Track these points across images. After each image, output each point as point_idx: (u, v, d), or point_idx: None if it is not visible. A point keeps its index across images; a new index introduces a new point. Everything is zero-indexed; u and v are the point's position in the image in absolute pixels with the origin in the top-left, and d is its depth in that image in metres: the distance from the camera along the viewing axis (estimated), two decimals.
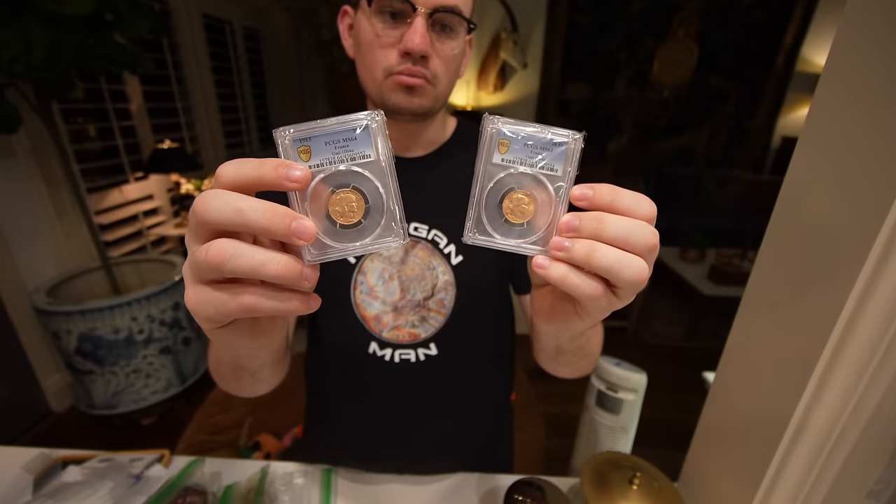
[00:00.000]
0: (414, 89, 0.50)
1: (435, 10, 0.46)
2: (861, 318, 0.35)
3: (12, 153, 1.57)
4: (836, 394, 0.38)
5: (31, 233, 1.67)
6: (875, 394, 0.37)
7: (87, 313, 1.51)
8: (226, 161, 0.24)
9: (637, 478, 0.55)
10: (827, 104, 0.40)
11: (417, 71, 0.49)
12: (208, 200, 0.22)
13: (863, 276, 0.34)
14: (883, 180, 0.33)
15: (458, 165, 0.59)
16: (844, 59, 0.38)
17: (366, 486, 0.65)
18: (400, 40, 0.47)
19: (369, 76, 0.51)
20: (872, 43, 0.35)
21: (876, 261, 0.33)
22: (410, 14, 0.46)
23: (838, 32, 0.38)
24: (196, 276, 0.24)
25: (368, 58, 0.50)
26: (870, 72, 0.35)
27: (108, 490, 0.58)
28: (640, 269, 0.25)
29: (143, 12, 1.39)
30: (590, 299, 0.26)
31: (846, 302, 0.35)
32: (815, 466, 0.41)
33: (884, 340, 0.35)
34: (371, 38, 0.49)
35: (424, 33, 0.46)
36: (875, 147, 0.34)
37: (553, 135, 0.27)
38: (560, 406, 1.98)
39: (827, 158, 0.39)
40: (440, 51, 0.49)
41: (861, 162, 0.36)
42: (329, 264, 0.55)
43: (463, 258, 0.58)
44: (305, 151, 0.25)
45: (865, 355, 0.36)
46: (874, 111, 0.34)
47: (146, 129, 2.23)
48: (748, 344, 0.49)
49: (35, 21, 1.09)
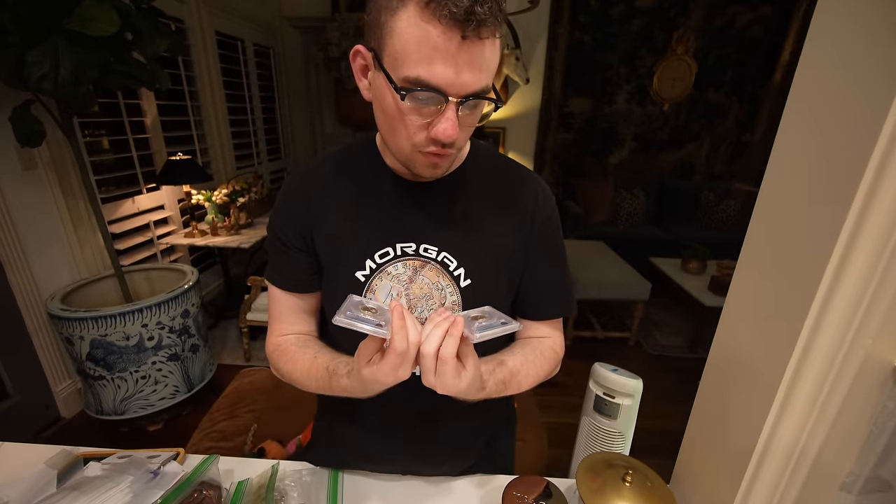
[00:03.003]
0: (437, 165, 0.51)
1: (467, 98, 0.44)
2: (821, 327, 0.38)
3: (33, 165, 1.63)
4: (804, 397, 0.41)
5: (47, 242, 1.73)
6: (839, 395, 0.40)
7: (100, 319, 1.55)
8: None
9: (630, 475, 0.57)
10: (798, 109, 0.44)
11: (444, 153, 0.49)
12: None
13: (821, 290, 0.37)
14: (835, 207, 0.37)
15: (469, 192, 0.61)
16: (810, 74, 0.42)
17: (371, 486, 0.68)
18: (428, 124, 0.46)
19: (393, 141, 0.51)
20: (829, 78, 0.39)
21: (833, 271, 0.37)
22: (442, 102, 0.44)
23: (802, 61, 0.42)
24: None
25: (394, 128, 0.49)
26: (833, 84, 0.39)
27: (128, 484, 0.61)
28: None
29: (162, 32, 1.46)
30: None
31: (808, 313, 0.38)
32: (789, 462, 0.44)
33: (843, 346, 0.38)
34: (396, 113, 0.47)
35: (456, 122, 0.45)
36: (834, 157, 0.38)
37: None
38: (562, 416, 1.99)
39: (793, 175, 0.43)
40: (465, 123, 0.48)
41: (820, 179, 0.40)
42: (341, 280, 0.59)
43: (471, 281, 0.59)
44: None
45: (829, 359, 0.39)
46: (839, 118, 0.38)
47: (159, 142, 2.30)
48: (728, 352, 0.53)
49: (63, 41, 1.16)
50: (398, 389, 0.55)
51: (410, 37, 0.41)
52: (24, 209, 1.62)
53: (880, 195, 0.34)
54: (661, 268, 2.82)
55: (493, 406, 0.66)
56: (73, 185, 1.79)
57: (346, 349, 0.58)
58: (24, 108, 1.32)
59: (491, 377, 0.56)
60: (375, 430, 0.68)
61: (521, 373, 0.60)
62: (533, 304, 0.66)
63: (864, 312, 0.37)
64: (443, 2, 0.38)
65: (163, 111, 2.31)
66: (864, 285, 0.36)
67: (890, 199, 0.34)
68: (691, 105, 3.74)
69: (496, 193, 0.62)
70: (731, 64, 3.60)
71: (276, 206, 0.63)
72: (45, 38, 1.14)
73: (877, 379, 0.40)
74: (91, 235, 1.89)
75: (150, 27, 1.42)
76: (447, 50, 0.40)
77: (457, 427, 0.68)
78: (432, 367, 0.45)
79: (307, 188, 0.61)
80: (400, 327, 0.43)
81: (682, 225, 3.63)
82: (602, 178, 3.74)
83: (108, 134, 2.06)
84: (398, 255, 0.59)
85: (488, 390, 0.55)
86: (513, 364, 0.59)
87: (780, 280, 0.43)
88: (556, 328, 0.69)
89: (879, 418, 0.41)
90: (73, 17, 1.14)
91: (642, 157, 3.92)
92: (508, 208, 0.62)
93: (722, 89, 3.69)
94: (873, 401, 0.40)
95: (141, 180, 2.20)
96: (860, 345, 0.38)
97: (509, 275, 0.62)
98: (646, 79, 3.67)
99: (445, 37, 0.40)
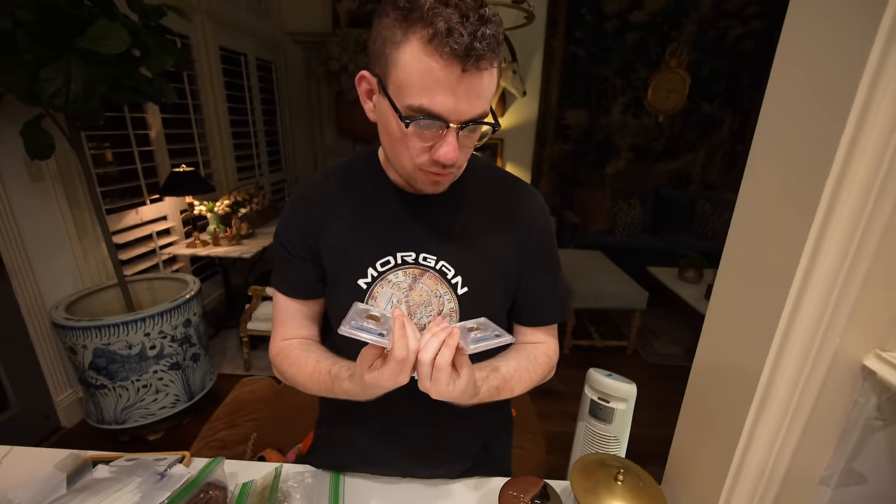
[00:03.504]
0: (438, 183, 0.54)
1: (466, 123, 0.47)
2: (793, 328, 0.41)
3: (41, 177, 1.67)
4: (780, 396, 0.44)
5: (52, 252, 1.76)
6: (812, 393, 0.42)
7: (103, 328, 1.57)
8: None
9: (622, 474, 0.59)
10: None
11: (445, 173, 0.52)
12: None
13: (791, 294, 0.40)
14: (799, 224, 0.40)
15: (467, 204, 0.64)
16: (780, 90, 0.45)
17: (371, 488, 0.70)
18: (430, 147, 0.49)
19: (397, 160, 0.54)
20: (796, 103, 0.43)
21: (801, 276, 0.40)
22: (444, 128, 0.47)
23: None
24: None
25: (398, 150, 0.52)
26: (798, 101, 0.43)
27: (136, 485, 0.63)
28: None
29: (169, 49, 1.51)
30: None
31: (781, 316, 0.41)
32: (769, 459, 0.46)
33: (814, 345, 0.41)
34: (400, 136, 0.49)
35: (456, 146, 0.48)
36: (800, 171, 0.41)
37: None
38: (561, 425, 2.00)
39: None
40: (465, 145, 0.51)
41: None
42: (343, 288, 0.62)
43: (468, 289, 0.62)
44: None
45: (802, 358, 0.42)
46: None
47: (163, 154, 2.34)
48: (710, 357, 0.55)
49: (75, 59, 1.20)
50: (398, 393, 0.58)
51: (414, 69, 0.44)
52: (30, 220, 1.65)
53: (840, 202, 0.37)
54: (658, 277, 2.85)
55: (490, 410, 0.68)
56: (78, 197, 1.82)
57: (348, 353, 0.60)
58: (36, 123, 1.35)
59: (484, 384, 0.59)
60: (375, 432, 0.70)
61: (514, 378, 0.63)
62: (528, 311, 0.69)
63: (831, 312, 0.39)
64: (444, 39, 0.41)
65: (167, 124, 2.35)
66: (829, 288, 0.39)
67: (849, 208, 0.37)
68: (686, 116, 3.81)
69: (493, 206, 0.65)
70: (724, 76, 3.68)
71: (283, 217, 0.66)
72: (59, 55, 1.18)
73: (847, 376, 0.42)
74: (95, 245, 1.92)
75: (158, 44, 1.47)
76: (448, 82, 0.43)
77: (454, 430, 0.70)
78: (428, 374, 0.48)
79: (312, 201, 0.64)
80: (401, 336, 0.46)
81: (679, 234, 3.67)
82: (599, 189, 3.79)
83: (113, 146, 2.10)
84: (398, 263, 0.62)
85: (481, 396, 0.58)
86: (506, 370, 0.62)
87: (754, 286, 0.46)
88: (550, 334, 0.72)
89: (852, 414, 0.43)
90: (85, 36, 1.19)
91: (639, 167, 3.98)
92: (505, 220, 0.65)
93: (716, 101, 3.76)
94: (845, 397, 0.43)
95: (145, 191, 2.23)
96: (830, 344, 0.41)
97: (505, 283, 0.65)
98: (640, 91, 3.74)
99: (447, 70, 0.43)
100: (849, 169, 0.37)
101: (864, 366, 0.41)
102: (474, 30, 0.41)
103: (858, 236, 0.37)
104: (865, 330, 0.40)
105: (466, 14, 0.41)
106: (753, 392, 0.45)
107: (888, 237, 0.37)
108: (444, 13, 0.41)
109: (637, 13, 3.53)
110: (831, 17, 0.38)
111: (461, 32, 0.41)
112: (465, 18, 0.41)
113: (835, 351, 0.41)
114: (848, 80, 0.36)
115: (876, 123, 0.36)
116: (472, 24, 0.41)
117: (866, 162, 0.36)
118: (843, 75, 0.37)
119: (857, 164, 0.36)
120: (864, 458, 0.44)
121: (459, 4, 0.42)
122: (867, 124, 0.36)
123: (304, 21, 3.53)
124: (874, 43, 0.34)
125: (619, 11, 3.54)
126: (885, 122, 0.35)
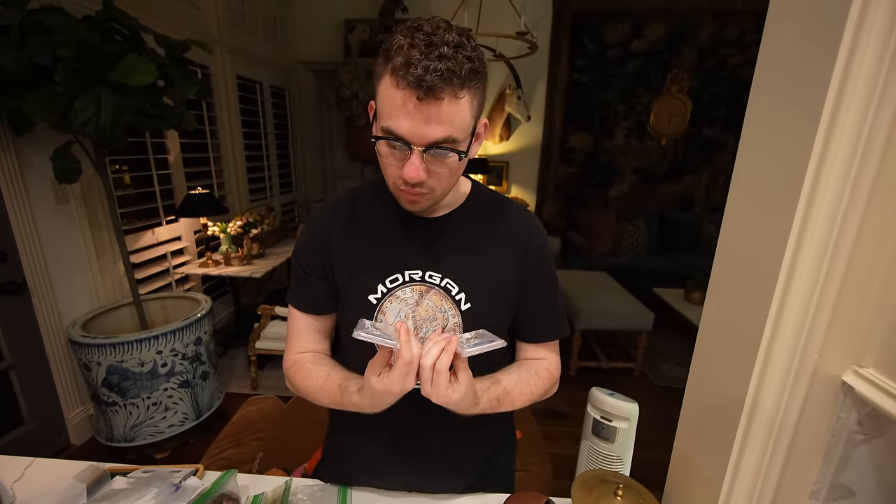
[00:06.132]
0: (414, 202, 0.60)
1: (429, 147, 0.53)
2: (774, 345, 0.44)
3: (66, 199, 1.75)
4: (766, 413, 0.46)
5: (72, 271, 1.82)
6: (795, 409, 0.45)
7: (118, 346, 1.61)
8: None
9: (621, 490, 0.61)
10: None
11: (415, 192, 0.57)
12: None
13: (771, 313, 0.43)
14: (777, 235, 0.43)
15: (471, 227, 0.69)
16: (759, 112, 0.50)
17: (378, 502, 0.72)
18: (401, 166, 0.55)
19: (386, 180, 0.61)
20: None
21: (780, 296, 0.43)
22: (407, 150, 0.53)
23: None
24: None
25: (384, 169, 0.59)
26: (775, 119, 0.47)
27: (153, 495, 0.66)
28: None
29: (192, 79, 1.60)
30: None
31: (762, 334, 0.44)
32: (759, 475, 0.48)
33: (794, 361, 0.43)
34: (381, 157, 0.57)
35: (418, 166, 0.53)
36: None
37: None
38: (567, 447, 1.98)
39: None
40: (434, 172, 0.56)
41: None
42: (355, 304, 0.66)
43: (471, 305, 0.66)
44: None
45: (784, 375, 0.45)
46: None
47: (180, 177, 2.44)
48: (701, 376, 0.58)
49: (106, 90, 1.29)
50: (404, 404, 0.61)
51: (386, 97, 0.52)
52: (53, 240, 1.73)
53: (810, 226, 0.41)
54: (664, 298, 2.84)
55: (493, 423, 0.70)
56: (99, 218, 1.90)
57: (357, 364, 0.64)
58: (66, 149, 1.44)
59: (485, 394, 0.62)
60: (381, 443, 0.72)
61: (515, 391, 0.66)
62: (528, 327, 0.72)
63: (808, 330, 0.42)
64: (402, 72, 0.49)
65: (185, 148, 2.46)
66: (805, 307, 0.42)
67: (819, 230, 0.41)
68: (688, 140, 3.87)
69: (494, 227, 0.69)
70: (724, 101, 3.76)
71: (301, 237, 0.72)
72: (91, 87, 1.27)
73: (828, 392, 0.44)
74: (112, 265, 1.99)
75: (182, 75, 1.56)
76: (406, 108, 0.51)
77: (458, 441, 0.72)
78: (429, 378, 0.53)
79: (326, 224, 0.69)
80: (406, 340, 0.52)
81: (685, 255, 3.68)
82: (604, 210, 3.83)
83: (133, 170, 2.19)
84: (406, 280, 0.66)
85: (482, 406, 0.61)
86: (507, 383, 0.65)
87: (737, 307, 0.49)
88: (551, 350, 0.74)
89: (835, 429, 0.45)
90: (116, 69, 1.28)
91: (643, 189, 4.03)
92: (505, 241, 0.69)
93: (717, 125, 3.83)
94: (828, 413, 0.45)
95: (161, 213, 2.32)
96: (809, 360, 0.43)
97: (506, 300, 0.69)
98: (643, 115, 3.83)
99: (405, 98, 0.50)
100: (815, 196, 0.40)
101: (844, 382, 0.43)
102: (428, 64, 0.48)
103: (828, 259, 0.40)
104: (842, 346, 0.43)
105: (426, 52, 0.49)
106: (741, 410, 0.47)
107: (856, 259, 0.40)
108: (405, 51, 0.49)
109: (638, 42, 3.65)
110: (796, 51, 0.43)
111: (416, 66, 0.48)
112: (424, 56, 0.48)
113: (814, 367, 0.43)
114: (809, 117, 0.40)
115: (836, 158, 0.40)
116: (430, 59, 0.48)
117: (831, 187, 0.40)
118: (805, 111, 0.41)
119: (822, 190, 0.40)
120: (850, 471, 0.45)
121: (420, 44, 0.49)
122: (829, 154, 0.40)
123: (317, 50, 3.70)
124: (833, 74, 0.38)
125: (621, 40, 3.66)
126: (844, 159, 0.39)
